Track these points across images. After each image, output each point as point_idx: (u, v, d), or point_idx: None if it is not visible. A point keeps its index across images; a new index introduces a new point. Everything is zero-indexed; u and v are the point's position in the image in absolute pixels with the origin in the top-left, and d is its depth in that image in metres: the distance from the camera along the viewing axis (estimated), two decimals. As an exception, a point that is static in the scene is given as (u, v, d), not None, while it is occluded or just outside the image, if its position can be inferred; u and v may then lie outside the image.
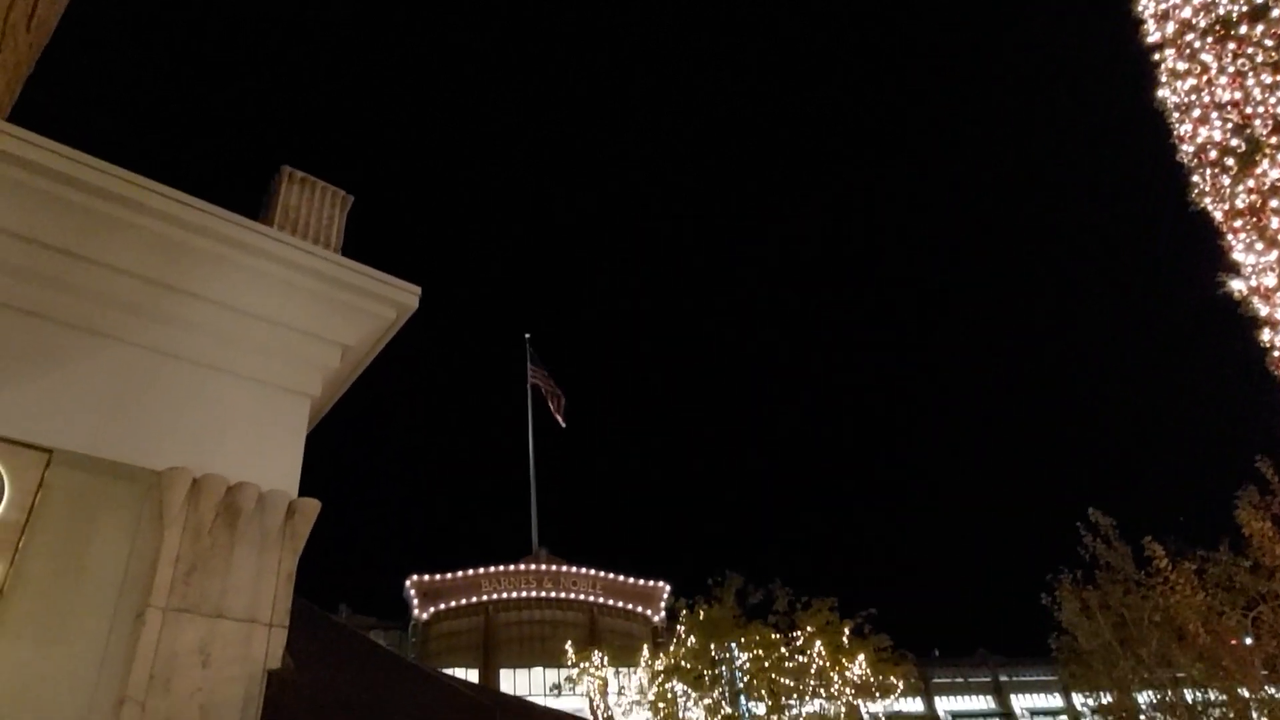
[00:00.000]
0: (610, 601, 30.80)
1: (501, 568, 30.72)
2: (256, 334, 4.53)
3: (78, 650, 3.50)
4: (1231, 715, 18.17)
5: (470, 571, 30.51)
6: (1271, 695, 17.70)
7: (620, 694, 20.16)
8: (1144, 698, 19.47)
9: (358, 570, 77.83)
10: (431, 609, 29.78)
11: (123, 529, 3.83)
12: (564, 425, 32.86)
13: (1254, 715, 17.68)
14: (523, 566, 30.97)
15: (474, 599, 30.12)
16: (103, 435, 3.88)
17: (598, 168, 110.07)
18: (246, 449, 4.24)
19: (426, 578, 30.16)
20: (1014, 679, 34.77)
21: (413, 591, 29.83)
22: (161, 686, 3.50)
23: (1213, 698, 18.87)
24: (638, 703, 19.24)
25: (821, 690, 17.91)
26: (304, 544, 4.20)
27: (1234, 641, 17.43)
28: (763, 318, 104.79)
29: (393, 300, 4.85)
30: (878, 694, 18.98)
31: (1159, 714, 18.94)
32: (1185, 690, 19.04)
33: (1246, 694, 17.66)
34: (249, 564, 3.99)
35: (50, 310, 4.00)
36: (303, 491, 4.30)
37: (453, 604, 30.02)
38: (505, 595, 30.25)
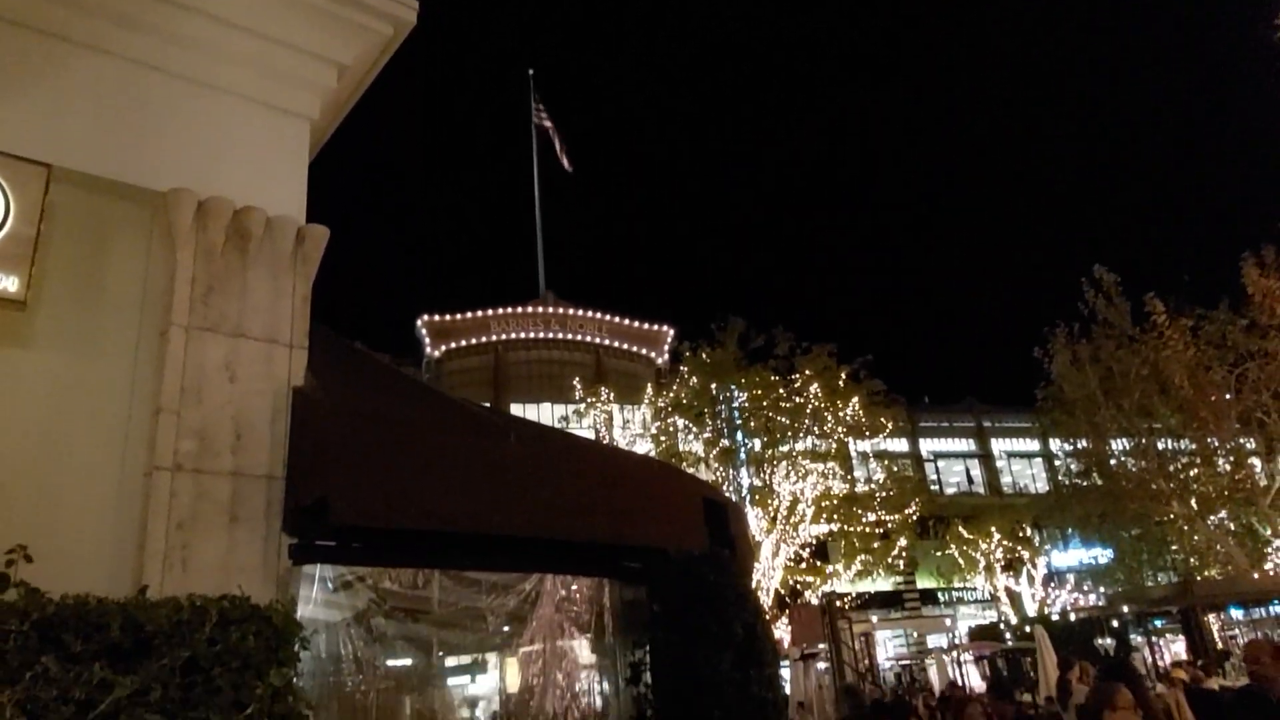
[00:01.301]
0: (615, 343, 31.83)
1: (509, 309, 31.42)
2: (250, 49, 4.35)
3: (109, 364, 3.60)
4: (1198, 461, 19.40)
5: (479, 313, 31.25)
6: (1239, 444, 18.79)
7: (625, 428, 21.42)
8: (1118, 445, 20.69)
9: (370, 311, 79.91)
10: (443, 347, 30.86)
11: (135, 250, 3.82)
12: (570, 168, 32.13)
13: (1219, 461, 18.87)
14: (530, 309, 31.67)
15: (484, 339, 31.11)
16: (101, 153, 3.81)
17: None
18: (249, 172, 4.19)
19: (437, 318, 30.96)
20: (996, 425, 36.81)
21: (424, 331, 30.75)
22: (194, 399, 3.63)
23: (1183, 446, 20.05)
24: (641, 436, 20.47)
25: (815, 429, 18.99)
26: (315, 270, 4.23)
27: (1214, 396, 18.20)
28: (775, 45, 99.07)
29: (389, 14, 4.61)
30: (868, 434, 20.14)
31: (1129, 459, 20.21)
32: (1159, 440, 20.19)
33: (1216, 443, 18.73)
34: (264, 287, 4.01)
35: (38, 21, 3.81)
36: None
37: (463, 343, 31.07)
38: (514, 336, 31.20)
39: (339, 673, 9.56)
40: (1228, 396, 18.25)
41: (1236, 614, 21.78)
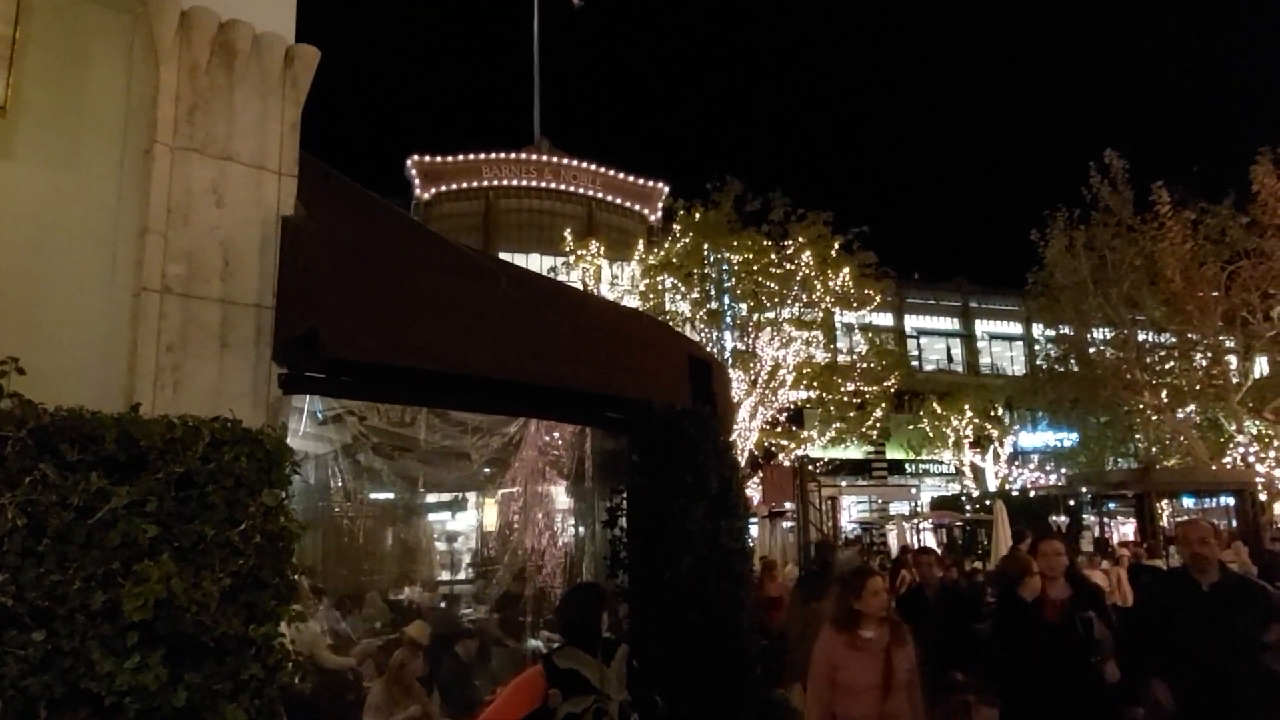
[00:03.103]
0: (608, 197, 31.26)
1: (502, 155, 30.58)
2: None
3: (94, 180, 3.50)
4: (1176, 354, 19.70)
5: (471, 156, 30.42)
6: (1220, 341, 19.04)
7: (614, 283, 21.37)
8: (1100, 333, 20.92)
9: (358, 147, 77.64)
10: (433, 190, 30.20)
11: (116, 62, 3.65)
12: (577, 3, 30.40)
13: (1197, 356, 19.18)
14: (524, 155, 30.84)
15: (475, 184, 30.42)
16: (74, -49, 3.55)
17: None
18: (235, -18, 3.92)
19: (428, 158, 30.14)
20: (982, 305, 36.99)
21: (414, 171, 30.00)
22: (180, 221, 3.57)
23: (1163, 339, 20.31)
24: (629, 291, 20.45)
25: (803, 297, 19.01)
26: (305, 95, 4.06)
27: (1203, 292, 18.28)
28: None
29: None
30: (855, 306, 20.21)
31: (1109, 348, 20.49)
32: (1141, 331, 20.41)
33: (1197, 338, 18.97)
34: (252, 109, 3.87)
35: None
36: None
37: (454, 186, 30.39)
38: (505, 183, 30.52)
39: (326, 501, 9.92)
40: (1215, 293, 18.33)
41: (1188, 502, 22.75)
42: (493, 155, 30.49)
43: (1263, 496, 18.13)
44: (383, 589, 10.91)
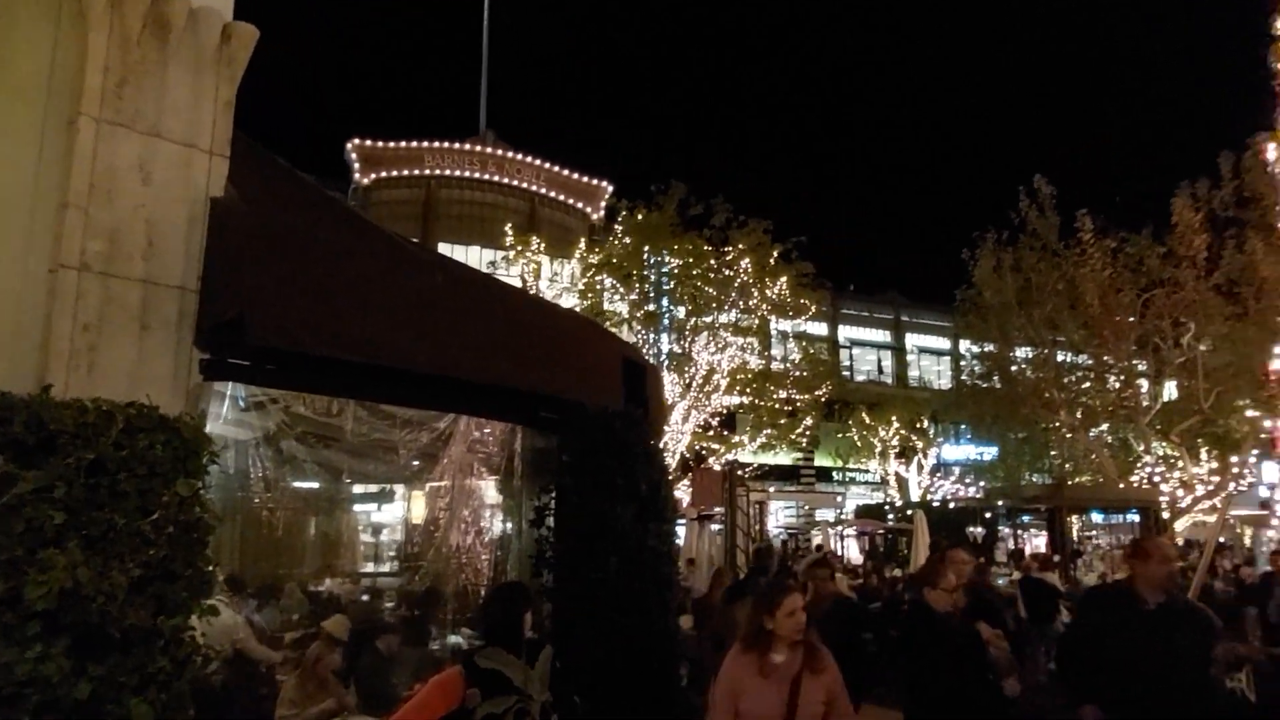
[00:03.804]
0: (552, 193, 31.11)
1: (446, 144, 30.17)
2: None
3: (12, 149, 3.35)
4: (1092, 376, 20.53)
5: (414, 143, 29.94)
6: (1132, 365, 19.92)
7: (553, 280, 21.27)
8: (1022, 352, 21.68)
9: (296, 128, 75.65)
10: (373, 175, 29.63)
11: (42, 29, 3.49)
12: None
13: (1110, 378, 20.02)
14: (468, 146, 30.49)
15: (416, 172, 29.94)
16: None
17: None
18: (172, -48, 3.80)
19: (369, 143, 29.55)
20: (913, 320, 37.97)
21: (354, 155, 29.39)
22: (104, 197, 3.44)
23: (1080, 361, 21.15)
24: (568, 290, 20.39)
25: (741, 303, 19.23)
26: (241, 74, 3.95)
27: (1119, 317, 19.09)
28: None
29: None
30: (791, 314, 20.53)
31: (1029, 367, 21.25)
32: (1060, 352, 21.22)
33: (1111, 361, 19.81)
34: (184, 85, 3.75)
35: None
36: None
37: (394, 173, 29.86)
38: (448, 173, 30.12)
39: (246, 490, 9.65)
40: (1131, 319, 19.15)
41: (1097, 518, 23.74)
42: (436, 144, 30.06)
43: (1165, 514, 19.05)
44: (303, 580, 10.68)
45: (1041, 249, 19.96)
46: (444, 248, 27.08)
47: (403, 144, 29.80)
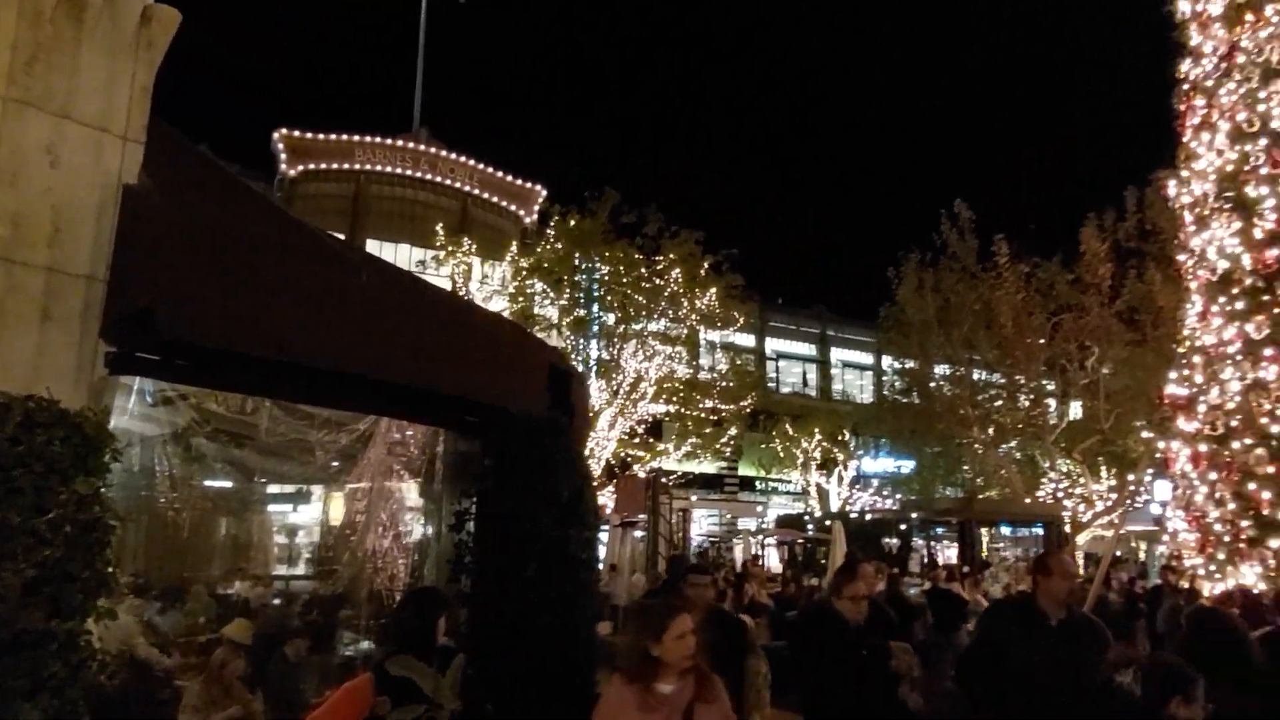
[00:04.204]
0: (485, 195, 30.84)
1: (378, 139, 29.65)
2: None
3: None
4: (1004, 394, 21.37)
5: (345, 137, 29.33)
6: (1041, 385, 20.82)
7: (484, 282, 21.08)
8: (940, 370, 22.42)
9: (222, 117, 73.16)
10: (300, 167, 28.90)
11: (-55, -2, 3.32)
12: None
13: (1021, 397, 20.86)
14: (401, 143, 30.01)
15: (346, 165, 29.34)
16: None
17: None
18: (91, -72, 3.66)
19: (297, 134, 28.83)
20: (838, 334, 38.84)
21: (281, 145, 28.62)
22: (8, 181, 3.28)
23: (994, 379, 22.00)
24: (498, 293, 20.23)
25: (670, 312, 19.37)
26: (161, 58, 3.82)
27: (1030, 339, 19.93)
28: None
29: None
30: (719, 325, 20.78)
31: (947, 384, 21.99)
32: (975, 370, 22.04)
33: (1022, 380, 20.67)
34: (99, 67, 3.60)
35: None
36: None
37: (323, 166, 29.19)
38: (379, 168, 29.59)
39: (152, 489, 9.29)
40: (1041, 341, 20.00)
41: (1005, 530, 24.64)
42: (368, 138, 29.52)
43: (1067, 528, 19.92)
44: (211, 583, 10.33)
45: (961, 271, 20.72)
46: (373, 245, 26.59)
47: (332, 137, 29.17)
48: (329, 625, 8.13)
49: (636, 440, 20.09)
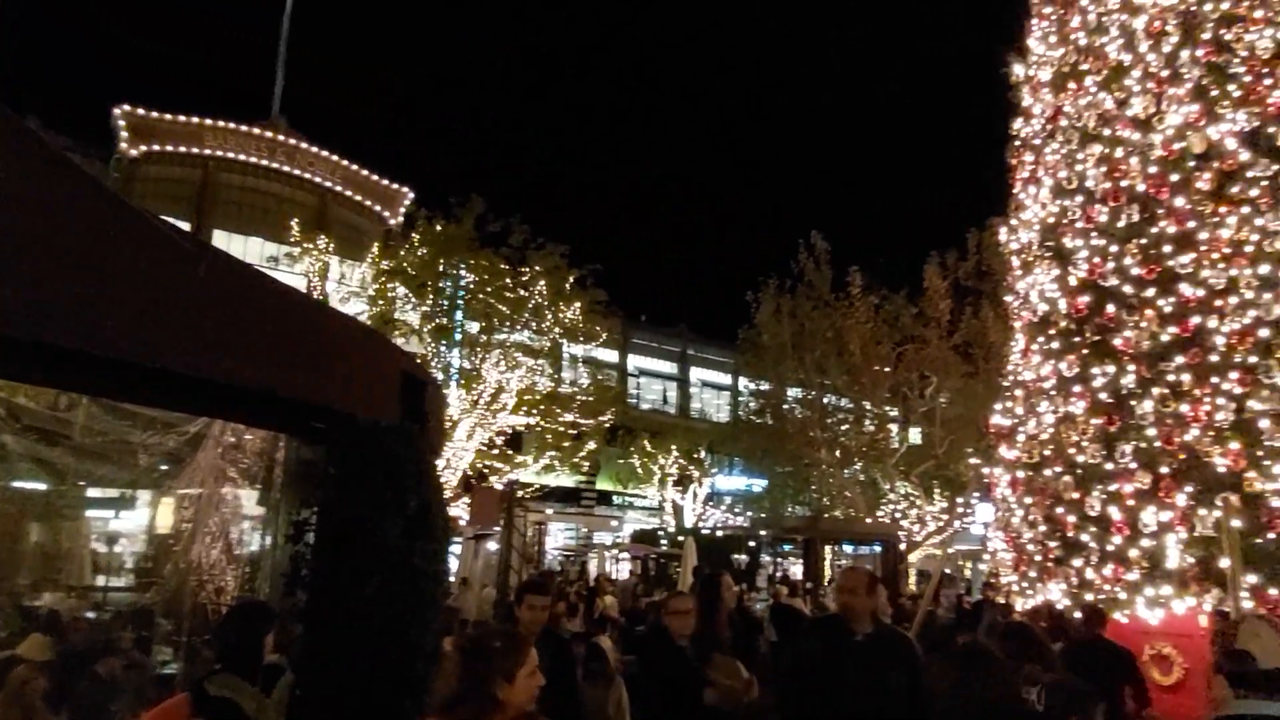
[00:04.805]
0: (346, 192, 29.77)
1: (232, 125, 28.10)
2: None
3: None
4: (851, 419, 22.47)
5: (194, 119, 27.63)
6: (885, 411, 22.02)
7: (341, 282, 20.27)
8: (793, 392, 23.33)
9: (55, 81, 67.33)
10: (143, 147, 26.99)
11: None
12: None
13: (866, 422, 21.98)
14: (257, 130, 28.55)
15: (193, 149, 27.62)
16: None
17: None
18: None
19: (140, 111, 26.92)
20: (698, 354, 39.74)
21: (122, 123, 26.63)
22: None
23: (842, 404, 23.10)
24: (357, 294, 19.51)
25: (534, 324, 19.23)
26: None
27: (876, 366, 21.08)
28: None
29: None
30: (582, 339, 20.80)
31: (798, 406, 22.90)
32: (825, 395, 23.07)
33: (868, 406, 21.80)
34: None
35: None
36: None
37: (168, 148, 27.37)
38: (230, 155, 28.03)
39: (-56, 489, 8.36)
40: (887, 369, 21.18)
41: (848, 548, 25.81)
42: (220, 122, 27.93)
43: (902, 547, 21.09)
44: (16, 594, 9.40)
45: (816, 299, 21.69)
46: (220, 235, 25.14)
47: (180, 118, 27.45)
48: (146, 641, 7.53)
49: (495, 451, 19.79)
